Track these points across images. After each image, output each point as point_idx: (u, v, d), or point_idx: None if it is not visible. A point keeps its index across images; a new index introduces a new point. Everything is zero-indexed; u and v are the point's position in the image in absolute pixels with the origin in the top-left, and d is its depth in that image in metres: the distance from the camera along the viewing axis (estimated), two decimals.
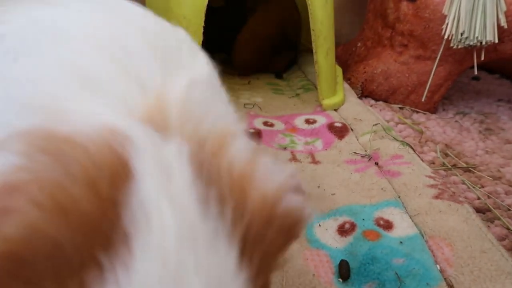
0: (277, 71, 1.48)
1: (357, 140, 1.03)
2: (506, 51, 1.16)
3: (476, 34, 1.09)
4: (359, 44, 1.46)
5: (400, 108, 1.27)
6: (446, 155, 1.01)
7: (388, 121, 1.15)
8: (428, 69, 1.22)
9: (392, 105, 1.28)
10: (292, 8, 1.47)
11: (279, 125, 1.11)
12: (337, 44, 1.41)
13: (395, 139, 1.00)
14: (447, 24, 1.13)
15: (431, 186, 0.81)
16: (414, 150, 0.97)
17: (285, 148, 0.99)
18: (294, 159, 0.95)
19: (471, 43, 1.10)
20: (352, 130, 1.08)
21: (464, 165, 0.97)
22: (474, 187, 0.89)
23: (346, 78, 1.37)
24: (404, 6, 1.23)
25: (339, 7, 1.57)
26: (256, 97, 1.29)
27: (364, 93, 1.33)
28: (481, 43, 1.10)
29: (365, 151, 0.97)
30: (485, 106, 1.31)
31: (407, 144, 0.98)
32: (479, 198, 0.85)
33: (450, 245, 0.67)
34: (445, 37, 1.14)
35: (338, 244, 0.69)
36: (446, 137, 1.11)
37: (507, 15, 1.10)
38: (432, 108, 1.26)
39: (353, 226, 0.73)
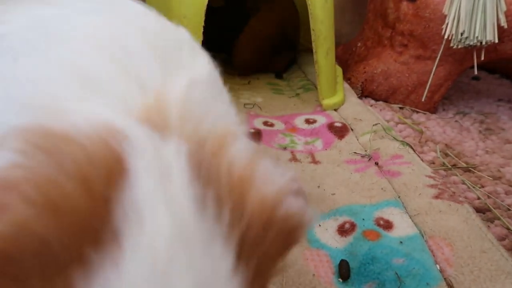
0: (277, 71, 1.48)
1: (357, 140, 1.03)
2: (506, 51, 1.16)
3: (476, 34, 1.09)
4: (359, 44, 1.46)
5: (400, 108, 1.27)
6: (446, 155, 1.01)
7: (388, 121, 1.15)
8: (428, 69, 1.22)
9: (392, 105, 1.28)
10: (292, 8, 1.47)
11: (279, 125, 1.11)
12: (337, 44, 1.41)
13: (395, 139, 1.00)
14: (447, 24, 1.13)
15: (431, 186, 0.81)
16: (414, 150, 0.97)
17: (285, 148, 0.99)
18: (294, 159, 0.95)
19: (471, 43, 1.10)
20: (352, 130, 1.08)
21: (464, 165, 0.97)
22: (474, 187, 0.89)
23: (346, 78, 1.37)
24: (404, 6, 1.23)
25: (339, 7, 1.57)
26: (256, 97, 1.29)
27: (364, 93, 1.33)
28: (481, 43, 1.10)
29: (365, 151, 0.97)
30: (485, 106, 1.31)
31: (407, 144, 0.98)
32: (479, 198, 0.85)
33: (450, 245, 0.67)
34: (445, 37, 1.14)
35: (338, 244, 0.69)
36: (446, 137, 1.11)
37: (507, 15, 1.10)
38: (432, 108, 1.26)
39: (353, 226, 0.73)
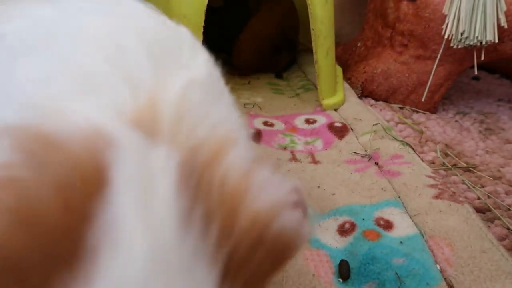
0: (277, 71, 1.48)
1: (357, 140, 1.03)
2: (506, 51, 1.16)
3: (476, 34, 1.09)
4: (359, 44, 1.46)
5: (400, 108, 1.27)
6: (446, 155, 1.01)
7: (388, 121, 1.15)
8: (428, 69, 1.22)
9: (392, 105, 1.28)
10: (291, 8, 1.47)
11: (279, 125, 1.11)
12: (337, 44, 1.41)
13: (395, 139, 1.00)
14: (447, 24, 1.13)
15: (431, 186, 0.81)
16: (414, 150, 0.97)
17: (285, 148, 0.99)
18: (294, 159, 0.95)
19: (471, 43, 1.10)
20: (352, 130, 1.08)
21: (464, 165, 0.97)
22: (474, 187, 0.89)
23: (346, 78, 1.37)
24: (404, 6, 1.23)
25: (339, 7, 1.57)
26: (256, 97, 1.29)
27: (364, 93, 1.33)
28: (481, 43, 1.10)
29: (365, 151, 0.97)
30: (485, 106, 1.31)
31: (407, 144, 0.98)
32: (479, 198, 0.85)
33: (450, 245, 0.67)
34: (445, 37, 1.14)
35: (338, 244, 0.69)
36: (446, 137, 1.11)
37: (507, 15, 1.10)
38: (432, 108, 1.26)
39: (353, 226, 0.73)
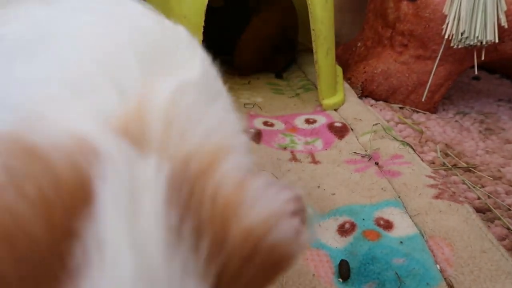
0: (277, 71, 1.48)
1: (357, 140, 1.03)
2: (507, 51, 1.16)
3: (477, 34, 1.09)
4: (359, 44, 1.46)
5: (400, 108, 1.27)
6: (446, 155, 1.01)
7: (388, 121, 1.15)
8: (428, 69, 1.22)
9: (392, 105, 1.28)
10: (291, 7, 1.47)
11: (279, 125, 1.11)
12: (337, 44, 1.41)
13: (395, 139, 1.00)
14: (448, 24, 1.13)
15: (431, 186, 0.81)
16: (414, 150, 0.97)
17: (285, 148, 0.99)
18: (294, 159, 0.95)
19: (472, 43, 1.10)
20: (352, 130, 1.08)
21: (464, 165, 0.97)
22: (474, 187, 0.89)
23: (346, 78, 1.37)
24: (404, 6, 1.23)
25: (339, 7, 1.57)
26: (256, 97, 1.29)
27: (364, 93, 1.33)
28: (482, 43, 1.10)
29: (365, 151, 0.97)
30: (485, 106, 1.31)
31: (407, 144, 0.98)
32: (479, 198, 0.85)
33: (450, 245, 0.67)
34: (446, 37, 1.14)
35: (338, 244, 0.69)
36: (446, 137, 1.11)
37: (508, 15, 1.10)
38: (432, 108, 1.26)
39: (353, 226, 0.73)
